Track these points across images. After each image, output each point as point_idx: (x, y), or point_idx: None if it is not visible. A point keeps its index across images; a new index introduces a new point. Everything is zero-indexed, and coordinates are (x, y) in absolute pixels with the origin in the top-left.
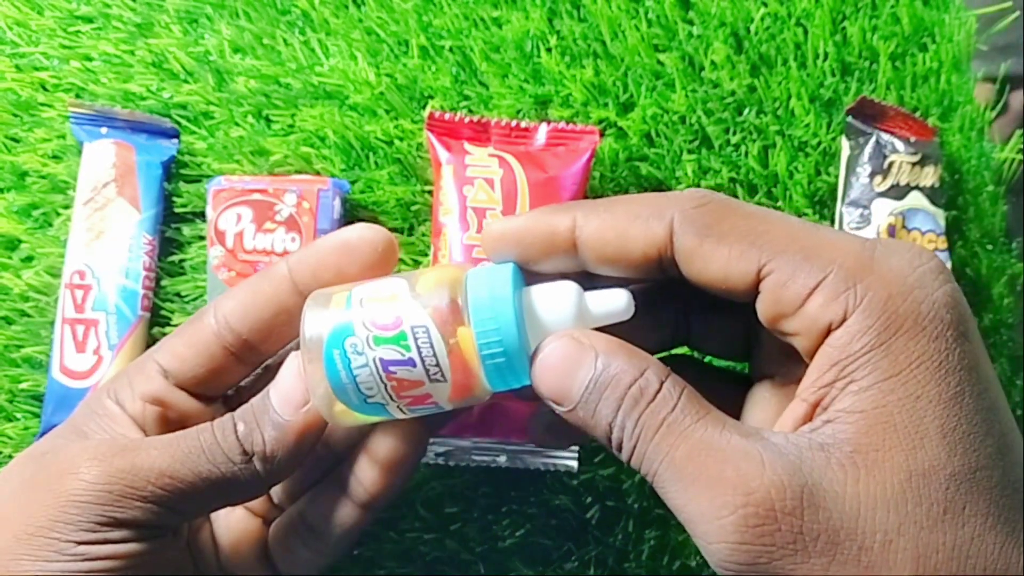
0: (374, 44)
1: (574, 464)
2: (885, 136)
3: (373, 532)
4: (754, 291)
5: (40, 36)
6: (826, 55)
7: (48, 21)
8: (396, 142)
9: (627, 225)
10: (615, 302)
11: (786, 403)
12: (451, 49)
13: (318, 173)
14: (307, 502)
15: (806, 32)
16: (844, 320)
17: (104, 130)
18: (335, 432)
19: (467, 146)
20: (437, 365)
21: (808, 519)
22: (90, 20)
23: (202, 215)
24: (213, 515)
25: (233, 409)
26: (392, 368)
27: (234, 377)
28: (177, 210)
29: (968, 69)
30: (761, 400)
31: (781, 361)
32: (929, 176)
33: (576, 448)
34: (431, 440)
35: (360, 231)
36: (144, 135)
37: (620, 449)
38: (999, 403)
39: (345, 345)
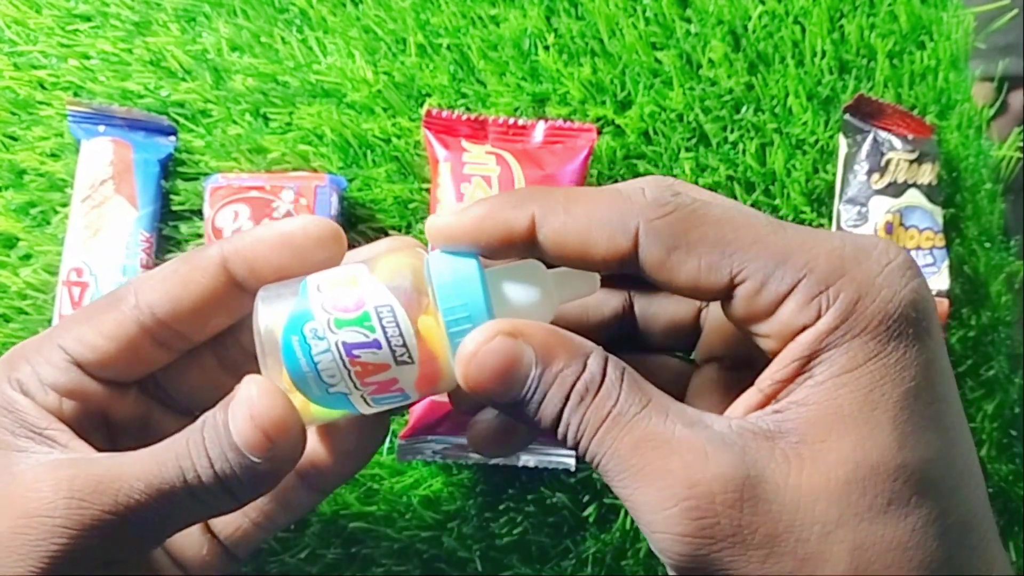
0: (372, 42)
1: (571, 462)
2: (883, 134)
3: (370, 530)
4: (725, 297)
5: (38, 34)
6: (824, 53)
7: (46, 19)
8: (394, 140)
9: (588, 232)
10: (580, 280)
11: (733, 386)
12: (449, 47)
13: (316, 171)
14: None
15: (804, 30)
16: (811, 319)
17: (102, 128)
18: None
19: (465, 144)
20: (404, 345)
21: (748, 512)
22: (88, 18)
23: (199, 213)
24: None
25: (148, 394)
26: (356, 352)
27: (155, 364)
28: (174, 208)
29: (966, 67)
30: (708, 382)
31: (730, 344)
32: (927, 174)
33: None
34: (428, 438)
35: (303, 224)
36: (142, 133)
37: (567, 442)
38: (951, 398)
39: (304, 331)
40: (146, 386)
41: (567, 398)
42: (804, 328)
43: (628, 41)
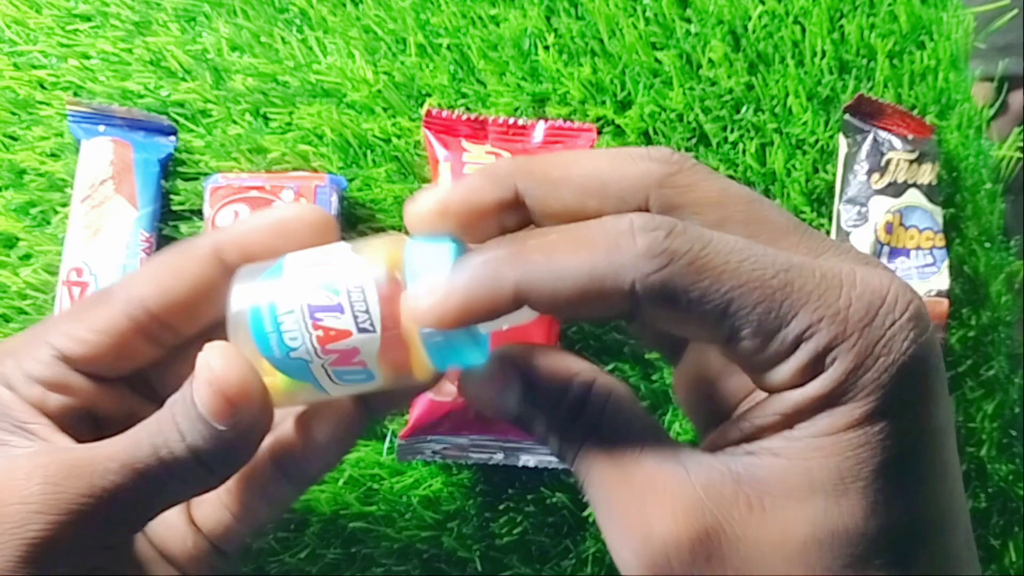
0: (372, 42)
1: None
2: (883, 134)
3: (370, 530)
4: (721, 345)
5: (38, 34)
6: (824, 53)
7: (46, 19)
8: (394, 140)
9: (581, 281)
10: None
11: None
12: (449, 47)
13: (316, 170)
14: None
15: (804, 30)
16: (806, 382)
17: (102, 128)
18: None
19: (464, 144)
20: (367, 312)
21: (699, 565)
22: (88, 18)
23: (199, 213)
24: None
25: (137, 390)
26: (319, 314)
27: (143, 359)
28: (174, 208)
29: (966, 67)
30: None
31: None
32: (927, 174)
33: None
34: (428, 438)
35: (297, 211)
36: (142, 133)
37: (559, 459)
38: (939, 460)
39: (274, 299)
40: (135, 382)
41: (551, 421)
42: (793, 384)
43: (628, 41)
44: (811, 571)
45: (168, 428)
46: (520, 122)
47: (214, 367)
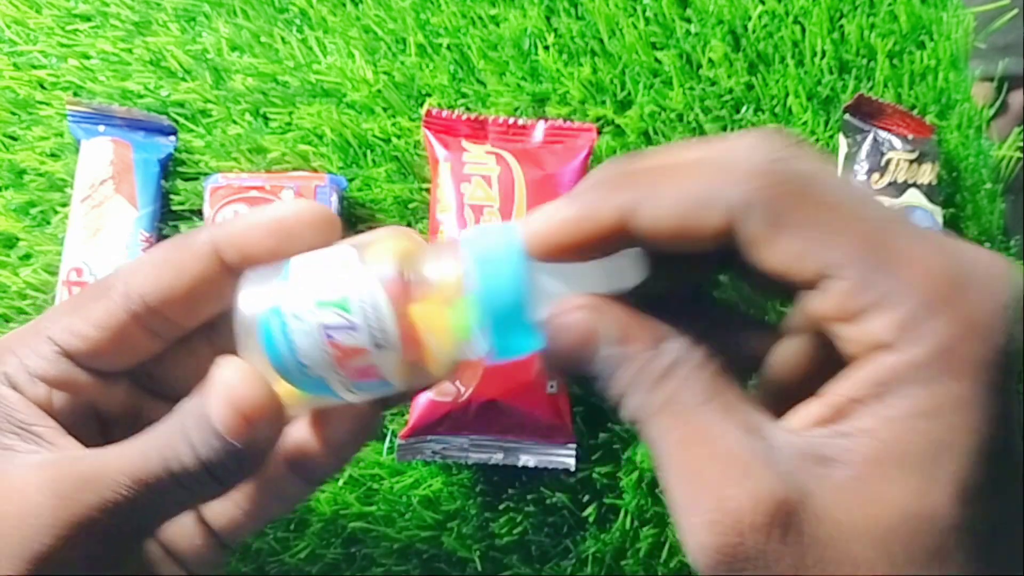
0: (372, 42)
1: (571, 462)
2: (883, 134)
3: (370, 530)
4: (813, 287)
5: (38, 34)
6: (824, 53)
7: (46, 19)
8: (394, 140)
9: (683, 216)
10: (624, 273)
11: (816, 367)
12: (449, 47)
13: (316, 170)
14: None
15: (804, 30)
16: (903, 345)
17: (102, 128)
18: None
19: (464, 143)
20: (382, 329)
21: (775, 539)
22: (88, 18)
23: (199, 213)
24: None
25: (140, 384)
26: (333, 333)
27: (146, 352)
28: (174, 208)
29: (966, 67)
30: (793, 353)
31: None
32: (927, 174)
33: (573, 446)
34: (428, 438)
35: (297, 209)
36: (142, 133)
37: (628, 420)
38: (1019, 453)
39: (283, 311)
40: (137, 376)
41: (634, 377)
42: (892, 349)
43: (628, 41)
44: (893, 560)
45: (179, 441)
46: (520, 122)
47: (231, 384)
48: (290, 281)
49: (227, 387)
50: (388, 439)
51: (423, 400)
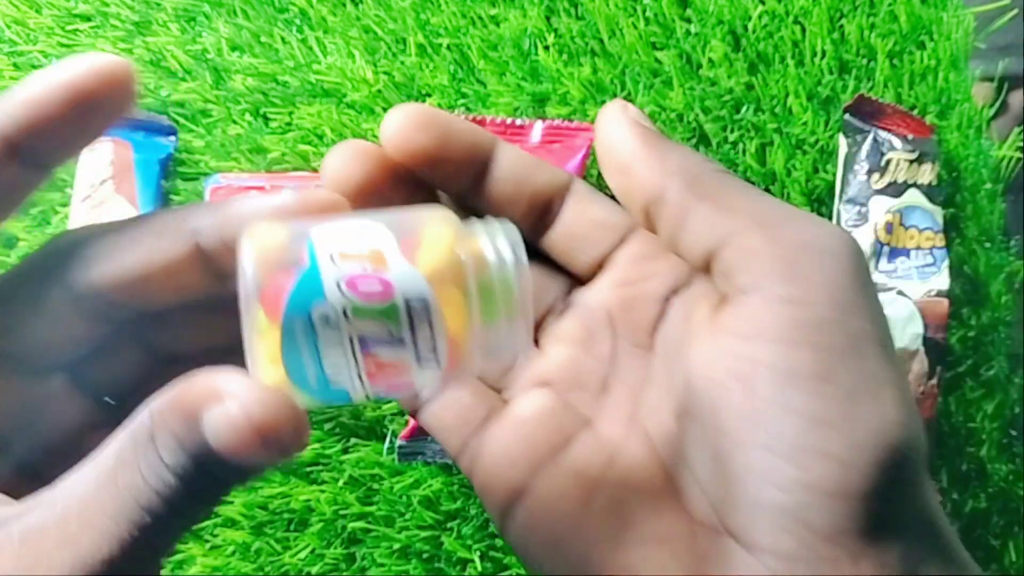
0: (372, 42)
1: None
2: (883, 134)
3: (370, 530)
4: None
5: (38, 34)
6: (824, 53)
7: (46, 19)
8: None
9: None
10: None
11: None
12: (449, 47)
13: (316, 171)
14: None
15: (804, 30)
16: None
17: None
18: None
19: None
20: (434, 348)
21: None
22: (88, 18)
23: None
24: None
25: (80, 386)
26: (374, 349)
27: (86, 339)
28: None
29: (966, 67)
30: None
31: None
32: (927, 174)
33: None
34: (428, 439)
35: (303, 200)
36: (142, 133)
37: None
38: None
39: (312, 313)
40: (79, 375)
41: None
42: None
43: (628, 41)
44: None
45: (149, 471)
46: (518, 122)
47: (252, 413)
48: (320, 271)
49: (248, 417)
50: (388, 440)
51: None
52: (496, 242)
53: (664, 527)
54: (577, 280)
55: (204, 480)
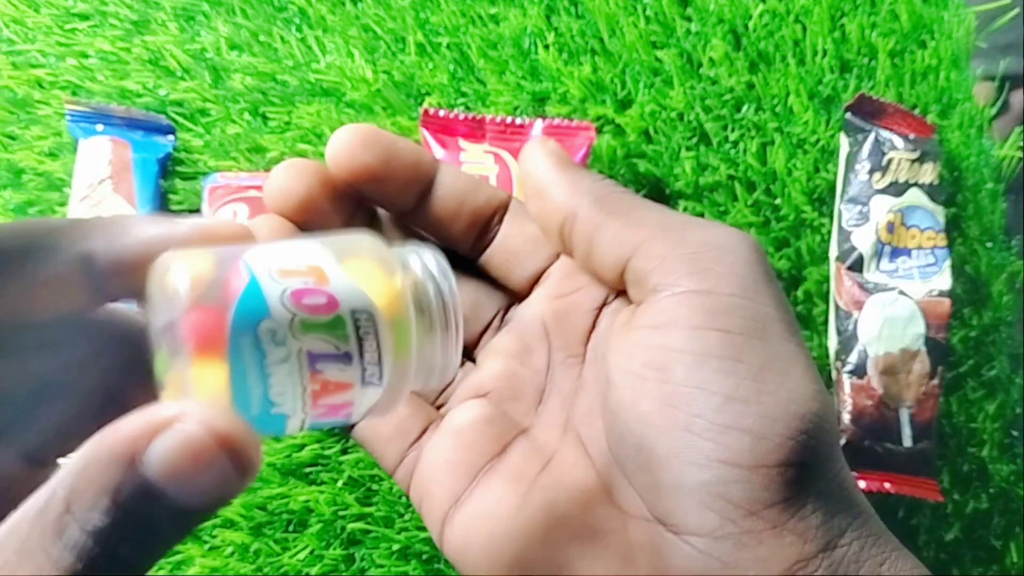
0: (371, 41)
1: None
2: (884, 133)
3: (370, 530)
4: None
5: (36, 33)
6: (825, 52)
7: (44, 18)
8: None
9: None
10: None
11: None
12: (448, 46)
13: None
14: None
15: (805, 29)
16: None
17: (100, 127)
18: None
19: (462, 143)
20: (378, 363)
21: None
22: (86, 17)
23: (198, 212)
24: None
25: None
26: (321, 366)
27: None
28: (173, 207)
29: (967, 66)
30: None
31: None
32: (928, 173)
33: None
34: None
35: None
36: (140, 132)
37: None
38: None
39: (259, 330)
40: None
41: None
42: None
43: (628, 40)
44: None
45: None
46: (518, 121)
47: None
48: (263, 288)
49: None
50: None
51: None
52: (426, 263)
53: (597, 523)
54: (515, 296)
55: (133, 531)
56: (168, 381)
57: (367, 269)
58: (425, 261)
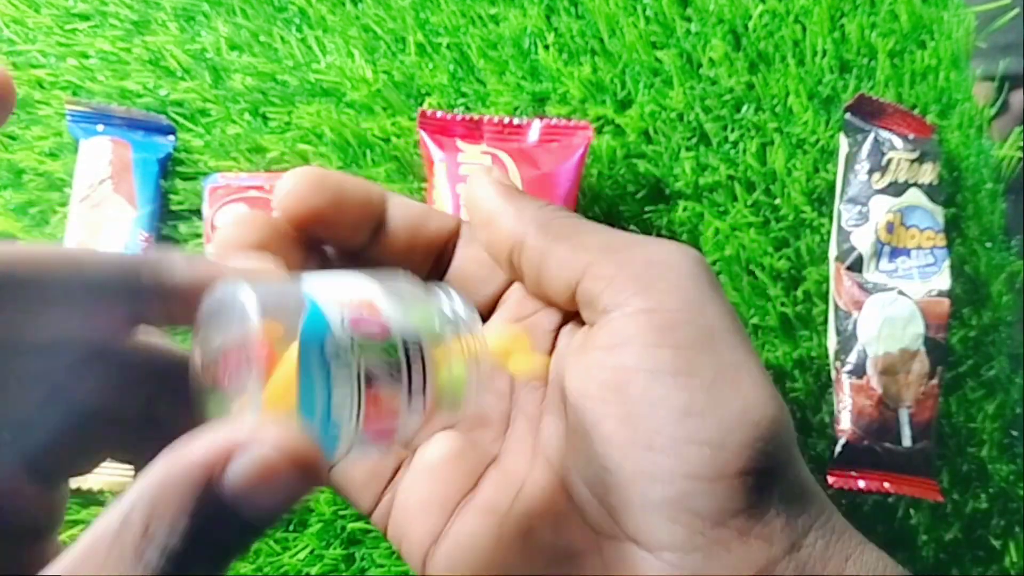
0: (371, 41)
1: None
2: (884, 133)
3: (370, 530)
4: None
5: (37, 34)
6: (824, 52)
7: (45, 19)
8: (393, 139)
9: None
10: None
11: None
12: (448, 46)
13: None
14: None
15: (804, 29)
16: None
17: (100, 127)
18: None
19: (460, 144)
20: (423, 391)
21: None
22: (87, 18)
23: (199, 212)
24: None
25: None
26: (377, 384)
27: None
28: (173, 207)
29: (967, 66)
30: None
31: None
32: (928, 173)
33: None
34: None
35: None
36: (141, 132)
37: None
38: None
39: (326, 347)
40: None
41: None
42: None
43: (628, 40)
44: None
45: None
46: (516, 121)
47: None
48: (323, 309)
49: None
50: None
51: None
52: (455, 306)
53: (572, 546)
54: None
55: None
56: (233, 398)
57: (411, 305)
58: (453, 303)
